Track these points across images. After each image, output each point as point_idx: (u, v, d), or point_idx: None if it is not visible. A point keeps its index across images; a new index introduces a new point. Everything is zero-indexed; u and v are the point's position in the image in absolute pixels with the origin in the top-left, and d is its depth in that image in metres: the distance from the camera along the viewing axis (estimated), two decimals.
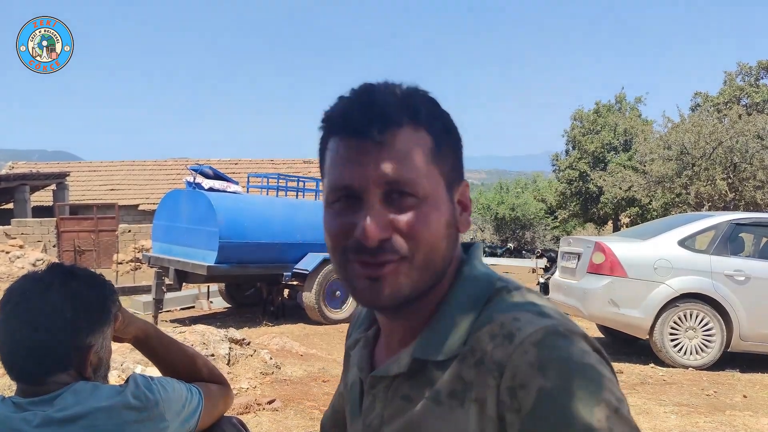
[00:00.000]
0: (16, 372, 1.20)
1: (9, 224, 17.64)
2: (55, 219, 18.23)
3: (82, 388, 1.17)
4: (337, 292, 9.30)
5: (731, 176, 16.14)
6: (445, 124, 0.79)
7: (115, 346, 4.90)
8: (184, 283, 9.27)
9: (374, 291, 0.75)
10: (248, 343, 5.60)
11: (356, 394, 0.89)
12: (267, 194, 11.04)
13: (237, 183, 9.88)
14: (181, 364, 1.45)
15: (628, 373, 6.09)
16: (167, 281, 8.99)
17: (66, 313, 1.17)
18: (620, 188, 20.44)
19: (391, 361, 0.80)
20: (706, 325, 6.36)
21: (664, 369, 6.27)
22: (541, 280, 10.50)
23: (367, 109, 0.73)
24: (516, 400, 0.66)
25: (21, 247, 15.37)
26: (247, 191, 10.96)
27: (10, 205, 21.16)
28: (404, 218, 0.73)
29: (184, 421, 1.27)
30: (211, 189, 9.03)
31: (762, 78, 23.32)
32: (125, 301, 10.73)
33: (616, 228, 26.45)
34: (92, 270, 1.32)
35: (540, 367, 0.66)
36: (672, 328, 6.36)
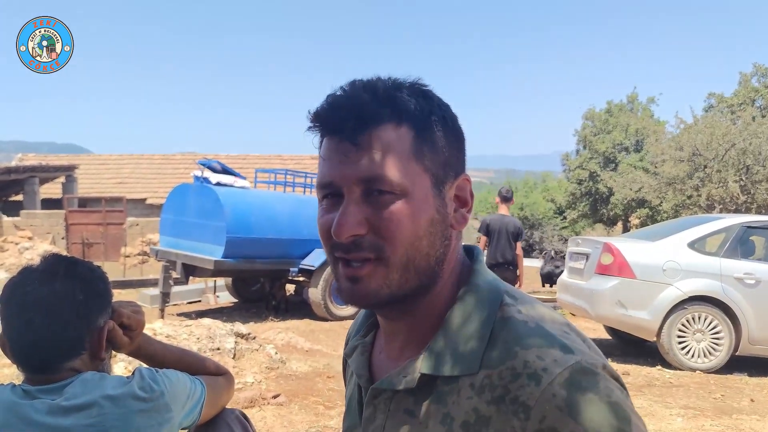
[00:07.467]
0: (33, 364, 1.20)
1: (18, 216, 17.76)
2: (63, 211, 18.33)
3: (90, 378, 1.19)
4: None
5: (743, 178, 15.98)
6: (435, 118, 0.76)
7: None
8: (191, 277, 9.31)
9: (354, 292, 0.76)
10: (254, 338, 5.62)
11: (355, 403, 0.87)
12: (275, 190, 11.06)
13: (245, 178, 9.89)
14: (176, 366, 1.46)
15: (634, 374, 6.05)
16: (174, 275, 9.03)
17: (78, 296, 1.19)
18: (630, 189, 20.31)
19: (394, 373, 0.78)
20: (714, 328, 6.31)
21: (671, 371, 6.23)
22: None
23: (344, 108, 0.74)
24: None
25: (30, 238, 15.48)
26: (255, 186, 10.97)
27: (20, 197, 21.29)
28: (379, 215, 0.73)
29: (189, 411, 1.30)
30: (218, 184, 9.05)
31: None
32: (132, 294, 10.82)
33: (626, 229, 26.29)
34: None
35: (570, 411, 0.66)
36: (680, 330, 6.32)
